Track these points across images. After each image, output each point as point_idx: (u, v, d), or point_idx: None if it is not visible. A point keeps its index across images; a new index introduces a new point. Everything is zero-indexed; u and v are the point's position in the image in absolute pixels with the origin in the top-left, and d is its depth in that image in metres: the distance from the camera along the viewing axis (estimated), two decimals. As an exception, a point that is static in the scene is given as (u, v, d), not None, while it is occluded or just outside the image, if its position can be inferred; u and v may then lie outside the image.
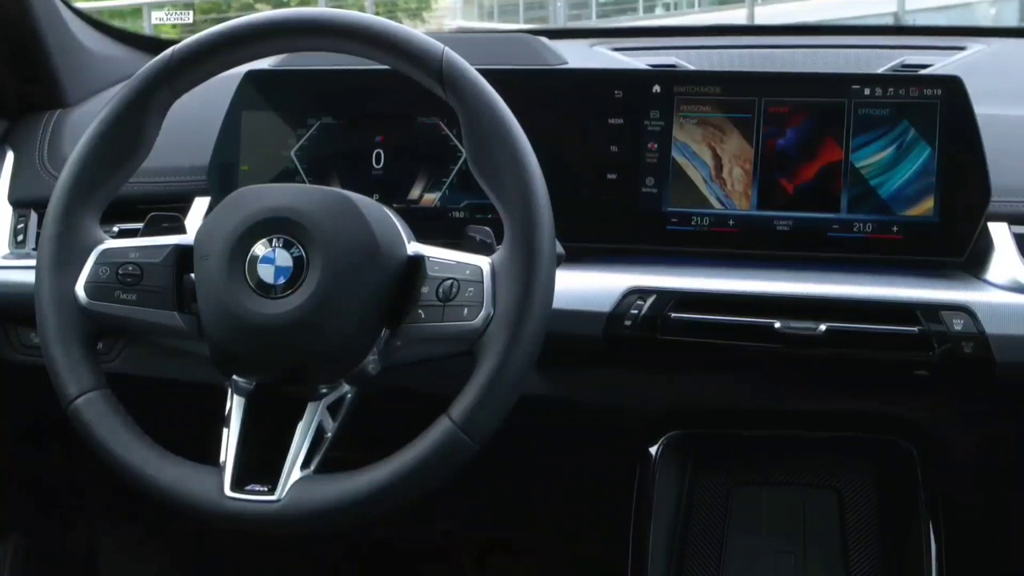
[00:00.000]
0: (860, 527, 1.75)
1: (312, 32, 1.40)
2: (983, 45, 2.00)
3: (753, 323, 1.55)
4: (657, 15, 20.60)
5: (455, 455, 1.27)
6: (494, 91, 1.35)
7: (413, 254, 1.37)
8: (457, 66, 1.35)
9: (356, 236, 1.32)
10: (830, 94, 1.63)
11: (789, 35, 2.21)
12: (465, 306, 1.30)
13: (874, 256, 1.60)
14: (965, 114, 1.58)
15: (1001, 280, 1.55)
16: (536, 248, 1.29)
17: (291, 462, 1.32)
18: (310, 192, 1.39)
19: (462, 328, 1.30)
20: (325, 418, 1.36)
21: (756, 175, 1.64)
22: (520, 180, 1.31)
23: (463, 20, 19.70)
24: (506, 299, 1.29)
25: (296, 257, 1.31)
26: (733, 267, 1.62)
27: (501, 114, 1.34)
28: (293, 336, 1.30)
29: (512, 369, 1.26)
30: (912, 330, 1.52)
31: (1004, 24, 13.46)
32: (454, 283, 1.32)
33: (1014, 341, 1.50)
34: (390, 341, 1.36)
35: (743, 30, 2.34)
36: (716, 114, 1.66)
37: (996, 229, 1.58)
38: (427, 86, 1.38)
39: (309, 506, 1.29)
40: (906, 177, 1.60)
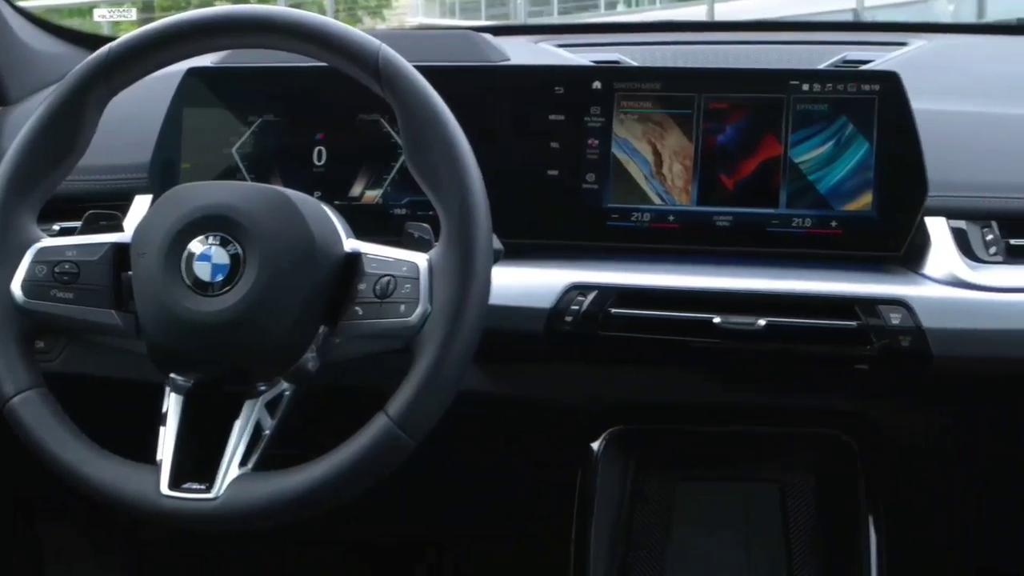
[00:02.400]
0: (803, 521, 1.76)
1: (249, 30, 1.40)
2: (925, 41, 2.01)
3: (692, 318, 1.56)
4: (619, 11, 20.64)
5: (392, 452, 1.27)
6: (431, 87, 1.35)
7: (351, 251, 1.36)
8: (393, 63, 1.35)
9: (293, 233, 1.32)
10: (769, 90, 1.64)
11: (733, 31, 2.22)
12: (402, 303, 1.30)
13: (813, 251, 1.61)
14: (902, 109, 1.59)
15: (938, 274, 1.56)
16: (472, 244, 1.29)
17: (228, 460, 1.32)
18: (247, 189, 1.38)
19: (399, 325, 1.30)
20: (263, 416, 1.36)
21: (696, 171, 1.64)
22: (456, 177, 1.31)
23: (424, 17, 19.69)
24: (442, 296, 1.29)
25: (233, 255, 1.30)
26: (674, 262, 1.62)
27: (437, 110, 1.34)
28: (230, 334, 1.30)
29: (449, 365, 1.27)
30: (850, 324, 1.53)
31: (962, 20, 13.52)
32: (391, 280, 1.32)
33: (950, 334, 1.52)
34: (328, 338, 1.35)
35: (688, 26, 2.34)
36: (656, 110, 1.66)
37: (934, 223, 1.59)
38: (364, 83, 1.38)
39: (246, 504, 1.29)
40: (844, 172, 1.61)
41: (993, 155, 1.67)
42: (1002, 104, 1.79)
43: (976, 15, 13.11)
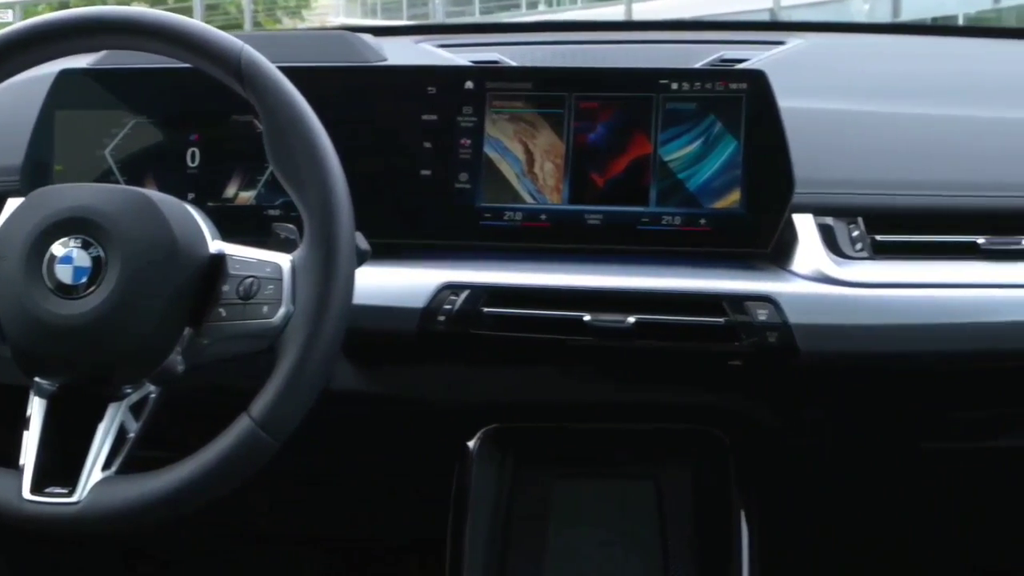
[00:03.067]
0: (678, 516, 1.77)
1: (111, 31, 1.39)
2: (801, 40, 2.04)
3: (563, 317, 1.57)
4: (540, 11, 20.78)
5: (255, 453, 1.27)
6: (293, 88, 1.35)
7: (215, 252, 1.36)
8: (255, 63, 1.35)
9: (155, 235, 1.31)
10: (638, 89, 1.65)
11: (614, 31, 2.24)
12: (265, 304, 1.31)
13: (683, 248, 1.62)
14: (769, 108, 1.61)
15: (805, 270, 1.58)
16: (335, 245, 1.29)
17: (91, 463, 1.31)
18: (109, 191, 1.37)
19: (262, 326, 1.31)
20: (128, 418, 1.35)
21: (567, 170, 1.65)
22: (318, 177, 1.31)
23: (346, 17, 19.67)
24: (305, 296, 1.29)
25: (95, 257, 1.29)
26: (546, 261, 1.63)
27: (299, 111, 1.34)
28: (93, 336, 1.28)
29: (311, 366, 1.27)
30: (718, 321, 1.55)
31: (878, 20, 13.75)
32: (254, 281, 1.32)
33: (816, 330, 1.54)
34: (194, 340, 1.35)
35: (568, 26, 2.35)
36: (527, 109, 1.67)
37: (801, 220, 1.61)
38: (228, 84, 1.37)
39: (108, 507, 1.28)
40: (713, 170, 1.62)
41: (861, 152, 1.70)
42: (873, 102, 1.82)
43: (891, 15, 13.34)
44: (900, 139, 1.73)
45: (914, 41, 2.24)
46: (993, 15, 16.51)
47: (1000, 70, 2.01)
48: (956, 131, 1.75)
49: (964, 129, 1.75)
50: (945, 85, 1.90)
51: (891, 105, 1.81)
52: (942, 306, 1.55)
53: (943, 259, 1.59)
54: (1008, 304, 1.56)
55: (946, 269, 1.58)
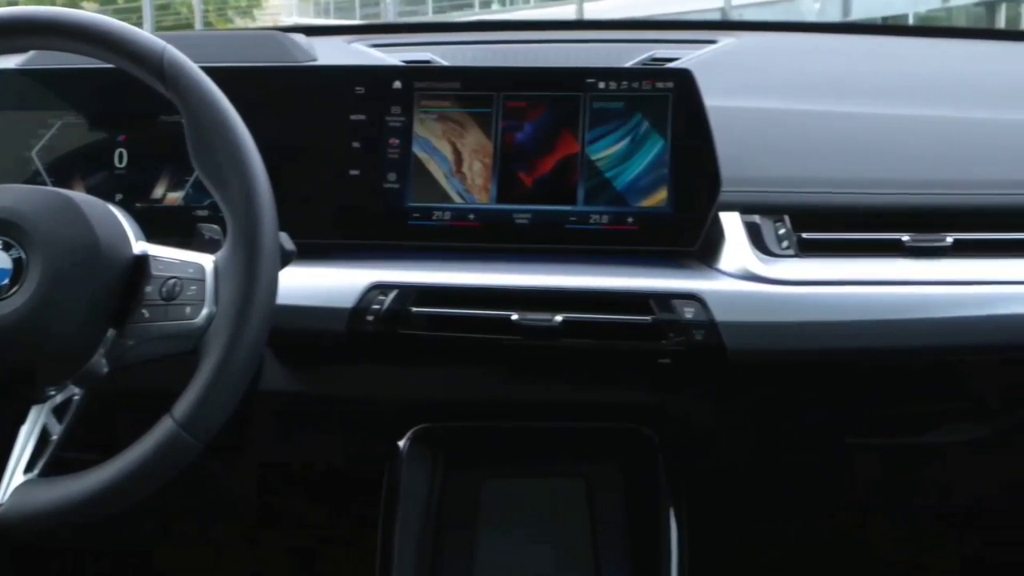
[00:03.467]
0: (609, 513, 1.78)
1: (35, 31, 1.38)
2: (733, 39, 2.05)
3: (491, 316, 1.57)
4: (494, 10, 20.79)
5: (177, 454, 1.26)
6: (216, 88, 1.35)
7: (139, 254, 1.35)
8: (177, 64, 1.34)
9: (76, 236, 1.30)
10: (566, 88, 1.65)
11: (547, 31, 2.24)
12: (188, 304, 1.30)
13: (610, 247, 1.63)
14: (695, 107, 1.62)
15: (732, 268, 1.59)
16: (257, 245, 1.29)
17: (13, 467, 1.30)
18: (29, 193, 1.36)
19: (185, 327, 1.30)
20: (51, 420, 1.34)
21: (495, 169, 1.65)
22: (241, 177, 1.30)
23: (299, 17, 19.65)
24: (227, 297, 1.29)
25: (16, 258, 1.28)
26: (474, 260, 1.63)
27: (222, 112, 1.33)
28: (14, 338, 1.27)
29: (233, 367, 1.26)
30: (645, 319, 1.56)
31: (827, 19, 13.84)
32: (177, 282, 1.31)
33: (743, 327, 1.55)
34: (118, 341, 1.34)
35: (503, 26, 2.36)
36: (456, 109, 1.67)
37: (728, 218, 1.62)
38: (151, 84, 1.37)
39: (30, 510, 1.27)
40: (640, 169, 1.63)
41: (788, 151, 1.71)
42: (802, 101, 1.83)
43: (842, 14, 13.44)
44: (827, 137, 1.74)
45: (848, 40, 2.25)
46: (943, 14, 16.67)
47: (935, 69, 2.03)
48: (883, 129, 1.76)
49: (892, 127, 1.77)
50: (876, 84, 1.92)
51: (820, 104, 1.82)
52: (867, 303, 1.57)
53: (868, 257, 1.61)
54: (931, 301, 1.57)
55: (871, 266, 1.60)
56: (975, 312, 1.57)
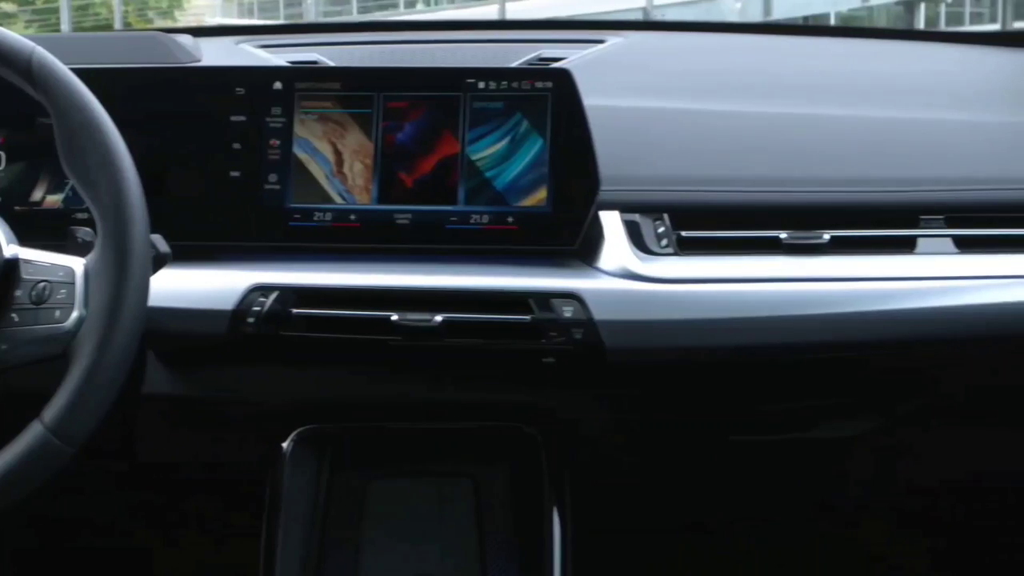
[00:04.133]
0: (495, 515, 1.78)
1: None
2: (621, 39, 2.06)
3: (371, 316, 1.57)
4: (418, 10, 20.78)
5: (47, 460, 1.25)
6: (86, 90, 1.34)
7: (9, 257, 1.33)
8: (46, 65, 1.33)
9: None
10: (446, 88, 1.65)
11: (437, 31, 2.23)
12: (57, 308, 1.29)
13: (491, 247, 1.63)
14: (574, 106, 1.62)
15: (611, 267, 1.59)
16: (127, 248, 1.28)
17: None
18: None
19: (55, 331, 1.29)
20: None
21: (376, 169, 1.65)
22: (111, 180, 1.29)
23: (222, 17, 19.54)
24: (97, 300, 1.28)
25: None
26: (356, 261, 1.63)
27: (91, 113, 1.32)
28: None
29: (104, 371, 1.25)
30: (524, 318, 1.56)
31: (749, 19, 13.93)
32: (47, 285, 1.30)
33: (622, 326, 1.56)
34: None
35: (391, 26, 2.36)
36: (336, 110, 1.66)
37: (607, 217, 1.63)
38: (20, 86, 1.35)
39: None
40: (520, 168, 1.63)
41: (668, 149, 1.72)
42: (685, 100, 1.84)
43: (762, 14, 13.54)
44: (708, 136, 1.76)
45: (736, 39, 2.27)
46: (864, 13, 16.83)
47: (819, 67, 2.05)
48: (764, 127, 1.78)
49: (772, 125, 1.78)
50: (760, 82, 1.93)
51: (703, 102, 1.83)
52: (745, 300, 1.58)
53: (747, 254, 1.62)
54: (809, 298, 1.59)
55: (750, 264, 1.61)
56: (852, 308, 1.59)
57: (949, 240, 1.64)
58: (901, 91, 1.92)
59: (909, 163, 1.72)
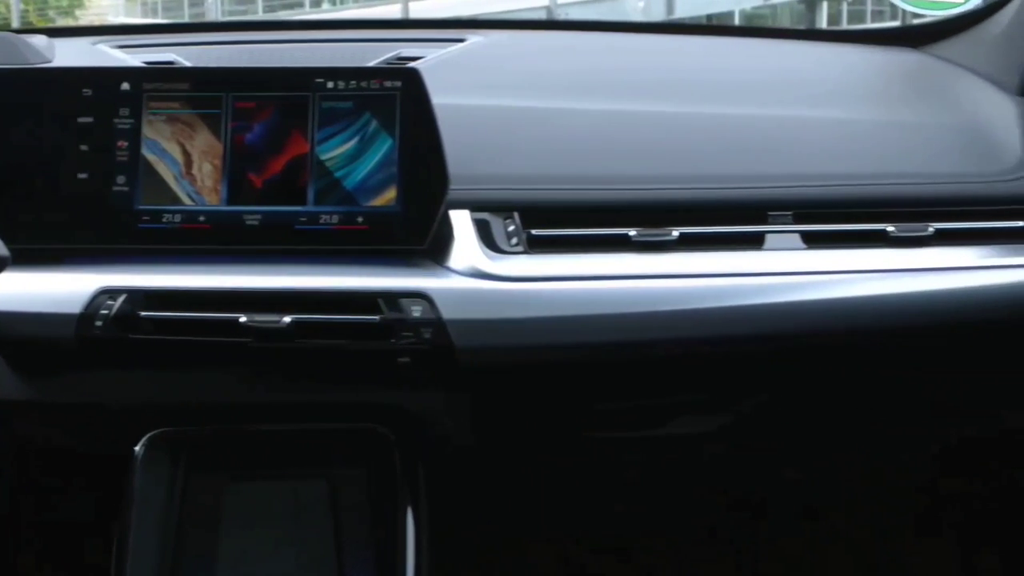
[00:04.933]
0: (352, 516, 1.77)
1: None
2: (481, 38, 2.06)
3: (219, 318, 1.56)
4: (324, 9, 20.68)
5: None
6: None
7: None
8: None
9: None
10: (294, 88, 1.64)
11: (298, 31, 2.23)
12: None
13: (341, 247, 1.62)
14: (423, 106, 1.62)
15: (460, 266, 1.60)
16: None
17: None
18: None
19: None
20: None
21: (225, 170, 1.63)
22: None
23: (125, 17, 19.33)
24: None
25: None
26: (206, 263, 1.61)
27: None
28: None
29: None
30: (373, 319, 1.56)
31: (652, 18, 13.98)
32: None
33: (471, 325, 1.56)
34: None
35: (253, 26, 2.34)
36: (185, 110, 1.65)
37: (457, 216, 1.63)
38: None
39: None
40: (369, 168, 1.62)
41: (519, 148, 1.73)
42: (540, 98, 1.85)
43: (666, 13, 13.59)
44: (560, 134, 1.76)
45: (601, 38, 2.28)
46: (767, 11, 16.97)
47: (677, 65, 2.07)
48: (615, 125, 1.79)
49: (624, 123, 1.79)
50: (617, 80, 1.95)
51: (558, 101, 1.84)
52: (594, 298, 1.59)
53: (597, 252, 1.63)
54: (657, 295, 1.60)
55: (600, 262, 1.62)
56: (700, 305, 1.60)
57: (797, 236, 1.66)
58: (757, 89, 1.94)
59: (759, 160, 1.73)
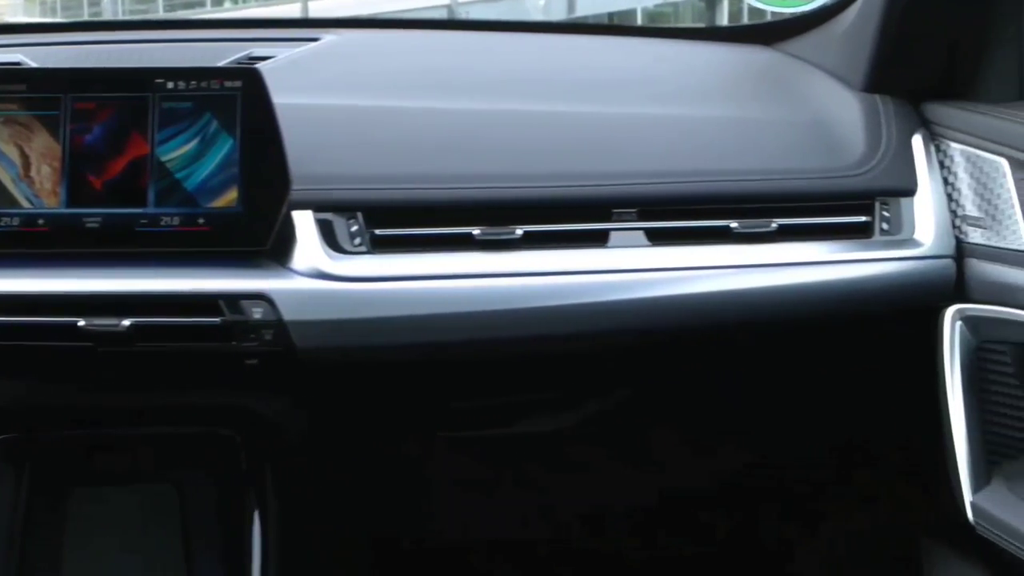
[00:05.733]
0: (200, 518, 1.76)
1: None
2: (336, 37, 2.05)
3: (56, 323, 1.54)
4: (225, 8, 20.48)
5: None
6: None
7: None
8: None
9: None
10: (134, 89, 1.62)
11: (148, 31, 2.20)
12: None
13: (183, 249, 1.60)
14: (264, 106, 1.60)
15: (303, 267, 1.58)
16: None
17: None
18: None
19: None
20: None
21: (65, 172, 1.61)
22: None
23: (25, 16, 19.03)
24: None
25: None
26: (45, 267, 1.59)
27: None
28: None
29: None
30: (214, 321, 1.54)
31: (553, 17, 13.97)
32: None
33: (312, 326, 1.55)
34: None
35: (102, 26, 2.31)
36: (22, 112, 1.62)
37: (300, 217, 1.61)
38: None
39: None
40: (210, 169, 1.61)
41: (364, 147, 1.72)
42: (388, 97, 1.84)
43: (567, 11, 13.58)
44: (406, 133, 1.75)
45: (459, 37, 2.27)
46: (669, 9, 17.03)
47: (540, 64, 2.07)
48: (460, 124, 1.78)
49: (469, 122, 1.79)
50: (468, 80, 1.94)
51: (405, 100, 1.83)
52: (437, 297, 1.59)
53: (441, 251, 1.62)
54: (501, 293, 1.60)
55: (443, 261, 1.61)
56: (544, 303, 1.61)
57: (641, 233, 1.66)
58: (607, 87, 1.95)
59: (604, 158, 1.74)
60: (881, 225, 1.72)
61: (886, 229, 1.71)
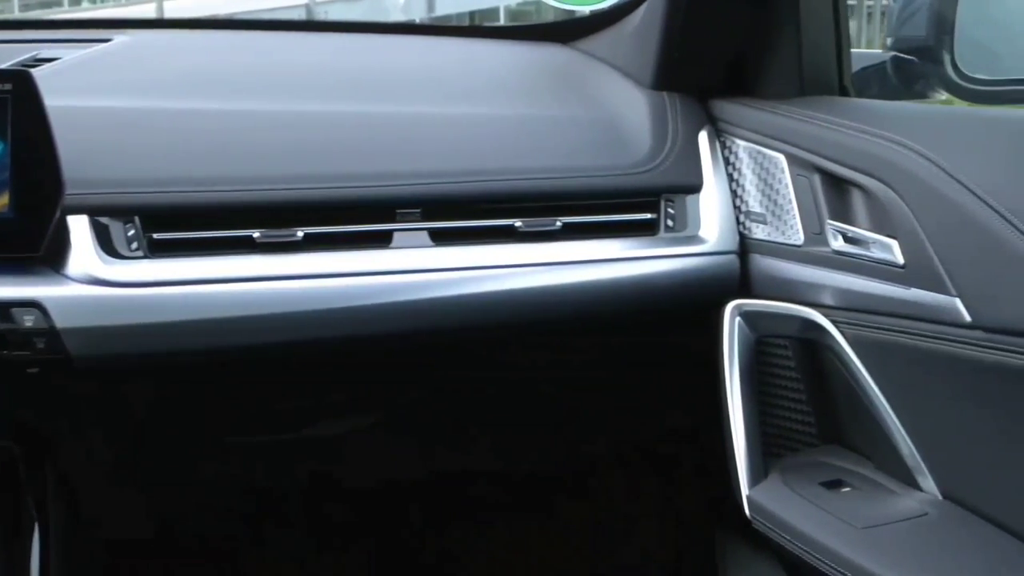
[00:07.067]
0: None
1: None
2: (127, 38, 2.02)
3: None
4: (84, 8, 20.15)
5: None
6: None
7: None
8: None
9: None
10: None
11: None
12: None
13: None
14: (35, 109, 1.56)
15: (77, 273, 1.55)
16: None
17: None
18: None
19: None
20: None
21: None
22: None
23: None
24: None
25: None
26: None
27: None
28: None
29: None
30: None
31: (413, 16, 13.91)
32: None
33: (88, 333, 1.52)
34: None
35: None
36: None
37: (75, 222, 1.58)
38: None
39: None
40: None
41: (141, 150, 1.68)
42: (170, 99, 1.81)
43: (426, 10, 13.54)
44: (186, 136, 1.72)
45: (267, 37, 2.26)
46: (532, 8, 17.05)
47: (327, 64, 2.06)
48: (244, 126, 1.76)
49: (253, 123, 1.76)
50: (255, 80, 1.92)
51: (189, 101, 1.80)
52: (213, 302, 1.57)
53: (221, 255, 1.61)
54: (280, 296, 1.59)
55: (223, 264, 1.60)
56: (324, 306, 1.60)
57: (425, 234, 1.67)
58: (397, 87, 1.95)
59: (388, 158, 1.73)
60: (666, 222, 1.74)
61: (671, 226, 1.73)
